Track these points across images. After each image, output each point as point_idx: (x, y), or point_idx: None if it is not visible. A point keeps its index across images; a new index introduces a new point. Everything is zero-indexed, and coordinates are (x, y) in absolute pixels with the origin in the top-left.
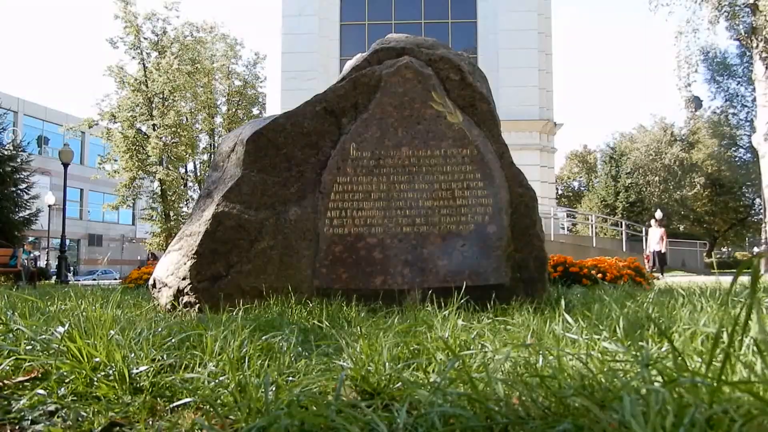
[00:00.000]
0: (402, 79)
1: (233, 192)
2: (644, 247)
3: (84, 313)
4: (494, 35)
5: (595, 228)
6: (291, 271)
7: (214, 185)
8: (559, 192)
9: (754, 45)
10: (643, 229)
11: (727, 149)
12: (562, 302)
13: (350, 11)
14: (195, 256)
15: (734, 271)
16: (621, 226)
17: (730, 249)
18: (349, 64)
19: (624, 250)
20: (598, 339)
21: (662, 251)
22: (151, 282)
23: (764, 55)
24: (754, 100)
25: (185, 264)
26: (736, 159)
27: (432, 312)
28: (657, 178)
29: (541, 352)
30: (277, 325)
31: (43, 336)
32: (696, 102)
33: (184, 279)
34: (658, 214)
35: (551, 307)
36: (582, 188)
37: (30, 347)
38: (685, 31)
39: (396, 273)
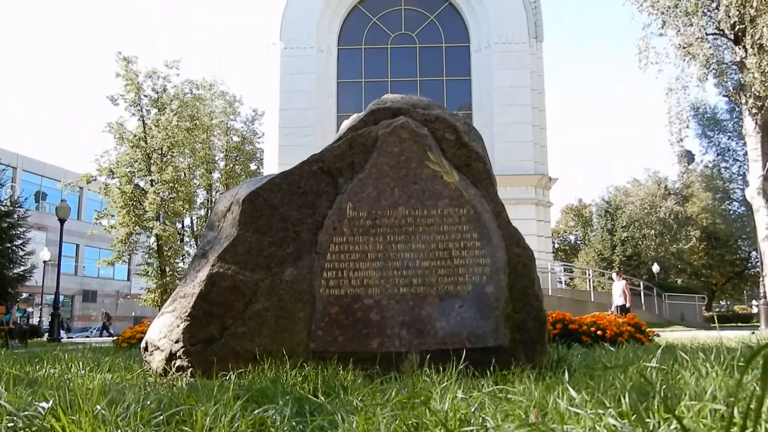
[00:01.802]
0: (398, 139)
1: (228, 252)
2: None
3: (71, 383)
4: (488, 92)
5: (593, 282)
6: (286, 334)
7: (210, 245)
8: (556, 246)
9: (743, 101)
10: (643, 282)
11: (721, 202)
12: (566, 374)
13: (347, 69)
14: (188, 318)
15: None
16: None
17: (728, 302)
18: (346, 124)
19: (631, 303)
20: (603, 414)
21: (626, 305)
22: (143, 345)
23: (753, 111)
24: (745, 154)
25: (178, 326)
26: (731, 212)
27: (431, 381)
28: (653, 231)
29: None
30: (270, 394)
31: (27, 412)
32: (688, 156)
33: (176, 342)
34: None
35: (552, 372)
36: (578, 242)
37: (12, 424)
38: (675, 88)
39: (393, 335)
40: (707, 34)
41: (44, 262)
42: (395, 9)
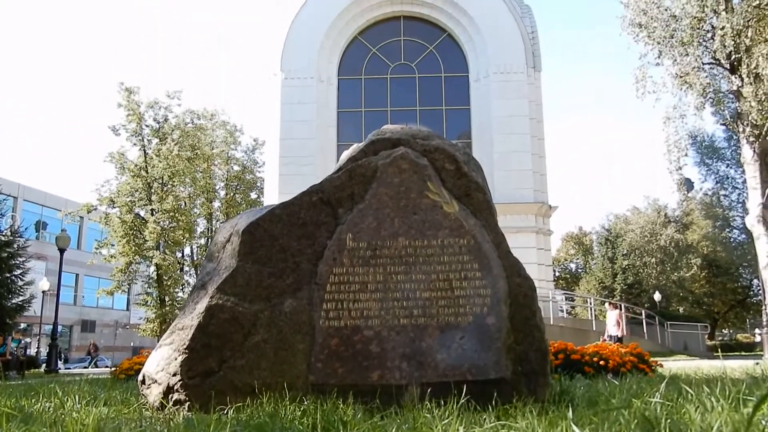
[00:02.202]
0: (398, 170)
1: (228, 283)
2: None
3: (65, 418)
4: (488, 121)
5: (594, 311)
6: (285, 366)
7: (209, 276)
8: (557, 274)
9: (740, 129)
10: (641, 310)
11: (721, 230)
12: (569, 409)
13: (347, 98)
14: (186, 350)
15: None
16: (620, 309)
17: (731, 331)
18: (346, 155)
19: (625, 333)
20: None
21: (620, 336)
22: (140, 378)
23: (751, 139)
24: (744, 182)
25: (176, 359)
26: (731, 240)
27: (431, 416)
28: (653, 259)
29: None
30: (268, 430)
31: None
32: (688, 184)
33: (174, 375)
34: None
35: (555, 406)
36: (579, 270)
37: None
38: (672, 116)
39: (393, 367)
40: (703, 64)
41: (43, 291)
42: (395, 40)
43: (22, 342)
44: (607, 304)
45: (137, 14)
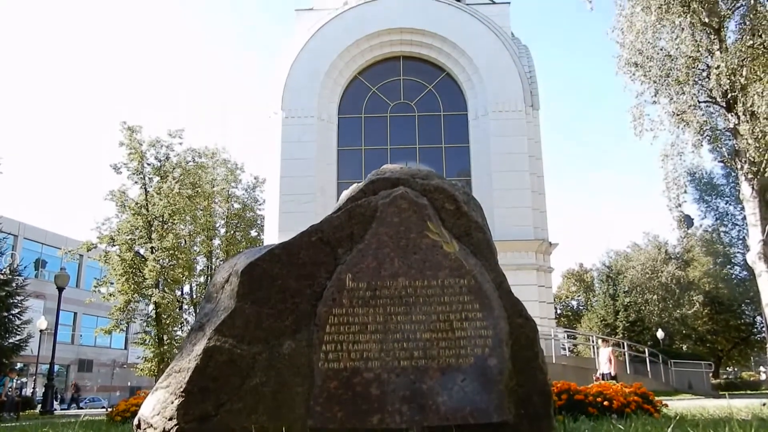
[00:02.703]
0: (398, 210)
1: (226, 325)
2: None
3: None
4: (487, 159)
5: (597, 349)
6: (284, 410)
7: (206, 317)
8: (558, 312)
9: (739, 166)
10: (649, 347)
11: (722, 267)
12: None
13: (347, 137)
14: (183, 394)
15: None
16: (623, 347)
17: (735, 369)
18: (345, 194)
19: (628, 372)
20: None
21: (612, 374)
22: (136, 422)
23: (749, 176)
24: (744, 218)
25: (172, 403)
26: (733, 277)
27: None
28: (655, 296)
29: None
30: None
31: None
32: (687, 220)
33: (170, 419)
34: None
35: None
36: (581, 307)
37: None
38: (670, 154)
39: (394, 411)
40: (700, 102)
41: (41, 330)
42: (394, 79)
43: (18, 382)
44: (600, 341)
45: (139, 53)
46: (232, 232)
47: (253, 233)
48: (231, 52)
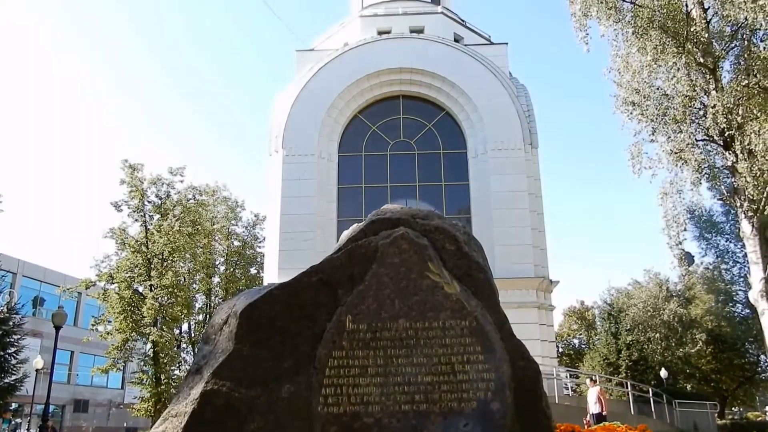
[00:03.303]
0: (398, 250)
1: (224, 368)
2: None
3: None
4: (487, 197)
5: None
6: None
7: (204, 360)
8: (560, 350)
9: (738, 204)
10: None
11: (724, 305)
12: None
13: (347, 175)
14: None
15: None
16: (626, 387)
17: (741, 409)
18: (346, 235)
19: (632, 413)
20: None
21: (602, 413)
22: None
23: (749, 214)
24: (744, 256)
25: None
26: (735, 314)
27: None
28: (658, 335)
29: None
30: None
31: None
32: (688, 258)
33: None
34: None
35: None
36: (582, 346)
37: None
38: (669, 192)
39: None
40: (697, 140)
41: (36, 370)
42: (394, 118)
43: (13, 423)
44: (588, 380)
45: (139, 88)
46: (231, 269)
47: (253, 271)
48: (232, 89)
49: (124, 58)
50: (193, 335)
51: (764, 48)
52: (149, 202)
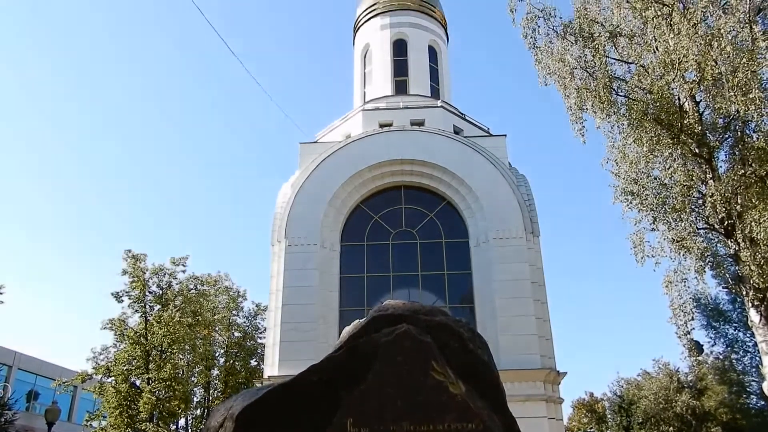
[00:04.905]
0: (400, 348)
1: None
2: None
3: None
4: (489, 285)
5: None
6: None
7: None
8: None
9: (744, 293)
10: None
11: (738, 396)
12: None
13: (349, 264)
14: None
15: None
16: None
17: None
18: (347, 331)
19: None
20: None
21: None
22: None
23: (756, 302)
24: (754, 344)
25: None
26: (749, 406)
27: None
28: (671, 428)
29: None
30: None
31: None
32: (697, 347)
33: None
34: None
35: None
36: None
37: None
38: (674, 280)
39: None
40: (698, 229)
41: None
42: (396, 207)
43: None
44: None
45: (139, 174)
46: (231, 361)
47: (253, 363)
48: (234, 180)
49: (128, 133)
50: (190, 431)
51: (758, 138)
52: (150, 292)
